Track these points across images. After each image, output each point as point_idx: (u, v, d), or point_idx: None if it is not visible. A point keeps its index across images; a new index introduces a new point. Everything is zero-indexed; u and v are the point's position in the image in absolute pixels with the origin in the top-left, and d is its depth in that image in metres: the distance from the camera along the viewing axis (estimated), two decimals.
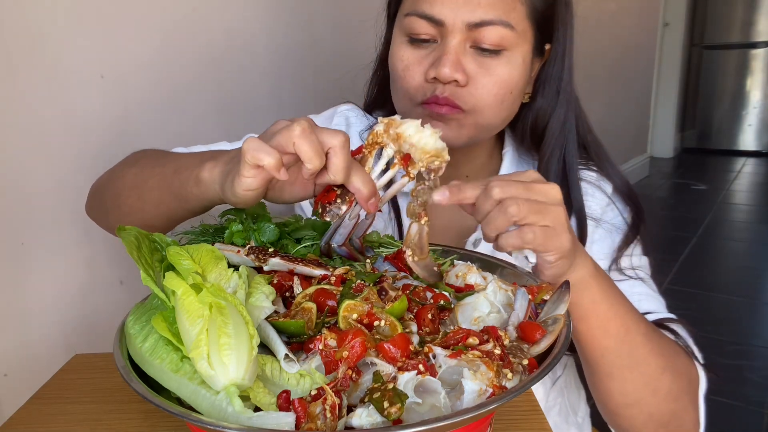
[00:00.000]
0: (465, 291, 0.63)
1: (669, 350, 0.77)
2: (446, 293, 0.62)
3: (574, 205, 0.89)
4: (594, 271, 0.69)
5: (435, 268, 0.65)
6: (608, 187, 0.93)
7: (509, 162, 0.95)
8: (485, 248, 0.87)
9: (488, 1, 0.77)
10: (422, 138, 0.62)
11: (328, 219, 0.62)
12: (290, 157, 0.58)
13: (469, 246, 0.89)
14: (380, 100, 0.99)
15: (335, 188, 0.62)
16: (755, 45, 5.95)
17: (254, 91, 1.47)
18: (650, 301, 0.85)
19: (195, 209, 0.72)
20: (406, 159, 0.63)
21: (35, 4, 0.98)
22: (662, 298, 0.89)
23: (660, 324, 0.83)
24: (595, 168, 0.94)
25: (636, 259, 0.90)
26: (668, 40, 5.66)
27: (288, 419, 0.44)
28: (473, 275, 0.66)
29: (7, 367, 1.00)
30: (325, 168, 0.59)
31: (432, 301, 0.60)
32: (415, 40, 0.82)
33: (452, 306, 0.60)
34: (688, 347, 0.82)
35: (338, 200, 0.61)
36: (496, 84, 0.80)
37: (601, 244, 0.89)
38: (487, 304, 0.59)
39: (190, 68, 1.28)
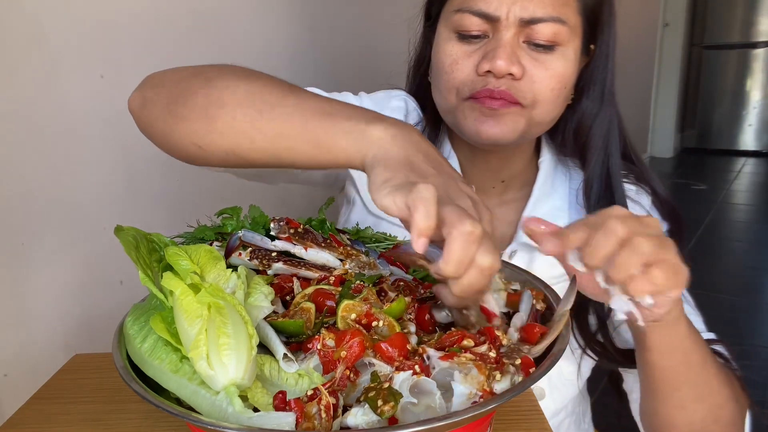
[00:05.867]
0: None
1: (732, 379, 0.76)
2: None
3: None
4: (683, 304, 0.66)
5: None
6: (646, 201, 0.90)
7: (546, 171, 0.92)
8: (522, 259, 0.86)
9: None
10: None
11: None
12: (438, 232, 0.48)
13: (505, 257, 0.87)
14: (420, 100, 0.96)
15: None
16: (755, 45, 5.94)
17: None
18: (693, 320, 0.81)
19: (324, 164, 0.59)
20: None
21: (35, 4, 0.98)
22: (699, 312, 0.87)
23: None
24: (632, 180, 0.91)
25: None
26: (668, 40, 5.66)
27: (288, 419, 0.44)
28: None
29: (7, 367, 1.00)
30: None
31: (423, 292, 0.60)
32: (464, 36, 0.79)
33: None
34: (737, 372, 0.81)
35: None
36: (552, 78, 0.78)
37: None
38: None
39: None
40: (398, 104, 0.96)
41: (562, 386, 0.90)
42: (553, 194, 0.92)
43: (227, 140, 0.62)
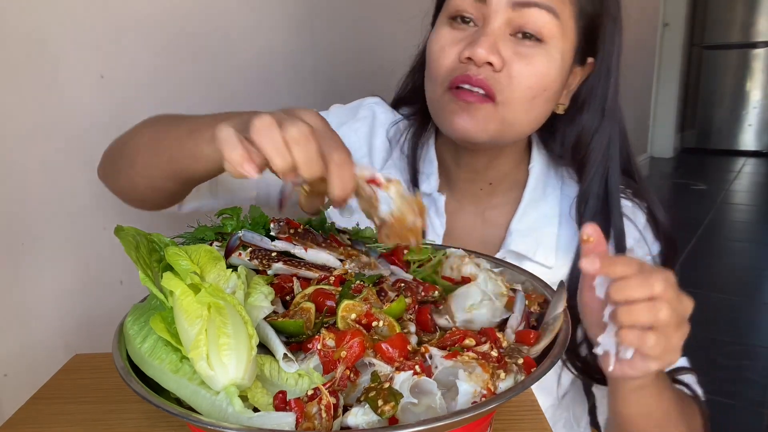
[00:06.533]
0: (462, 283, 0.64)
1: (692, 418, 0.78)
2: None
3: (615, 234, 0.85)
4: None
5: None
6: (641, 219, 0.89)
7: (537, 176, 0.91)
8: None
9: None
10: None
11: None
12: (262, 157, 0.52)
13: None
14: (411, 96, 0.96)
15: None
16: (755, 45, 5.94)
17: (254, 91, 1.47)
18: None
19: (207, 170, 0.68)
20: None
21: (35, 5, 0.98)
22: None
23: (674, 379, 0.83)
24: (629, 195, 0.89)
25: None
26: (668, 40, 5.66)
27: (288, 419, 0.45)
28: (467, 266, 0.66)
29: (7, 367, 1.00)
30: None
31: (423, 293, 0.60)
32: (456, 21, 0.79)
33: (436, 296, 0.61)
34: (701, 403, 0.82)
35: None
36: (532, 75, 0.77)
37: None
38: (479, 293, 0.60)
39: (191, 68, 1.28)
40: (364, 114, 0.98)
41: (540, 395, 0.91)
42: (545, 199, 0.91)
43: (146, 179, 0.76)
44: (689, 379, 0.86)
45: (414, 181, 0.92)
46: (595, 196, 0.86)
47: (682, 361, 0.89)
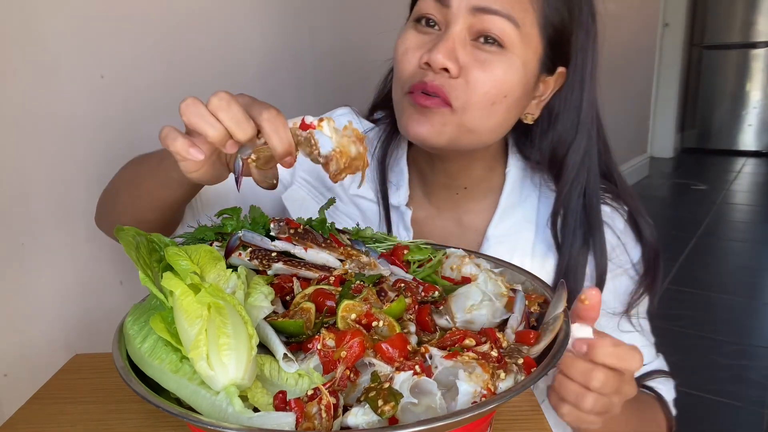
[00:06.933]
0: (462, 284, 0.64)
1: (652, 428, 0.82)
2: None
3: (595, 250, 0.84)
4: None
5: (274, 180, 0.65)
6: (620, 224, 0.88)
7: (513, 182, 0.90)
8: None
9: None
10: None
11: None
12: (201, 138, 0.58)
13: None
14: (386, 100, 0.95)
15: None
16: (755, 45, 5.94)
17: (254, 91, 1.47)
18: (643, 349, 0.85)
19: (182, 194, 0.74)
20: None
21: (35, 5, 0.98)
22: (652, 337, 0.91)
23: (642, 384, 0.85)
24: (608, 200, 0.88)
25: (641, 306, 0.89)
26: (668, 40, 5.65)
27: (288, 419, 0.45)
28: (467, 266, 0.67)
29: (7, 367, 1.00)
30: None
31: (423, 293, 0.61)
32: (421, 24, 0.79)
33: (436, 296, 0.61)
34: (668, 411, 0.85)
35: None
36: (489, 81, 0.75)
37: (604, 288, 0.85)
38: (479, 293, 0.60)
39: (191, 68, 1.28)
40: None
41: None
42: (521, 205, 0.90)
43: (130, 215, 0.81)
44: (663, 383, 0.86)
45: (383, 190, 0.92)
46: (573, 212, 0.84)
47: (659, 363, 0.89)
